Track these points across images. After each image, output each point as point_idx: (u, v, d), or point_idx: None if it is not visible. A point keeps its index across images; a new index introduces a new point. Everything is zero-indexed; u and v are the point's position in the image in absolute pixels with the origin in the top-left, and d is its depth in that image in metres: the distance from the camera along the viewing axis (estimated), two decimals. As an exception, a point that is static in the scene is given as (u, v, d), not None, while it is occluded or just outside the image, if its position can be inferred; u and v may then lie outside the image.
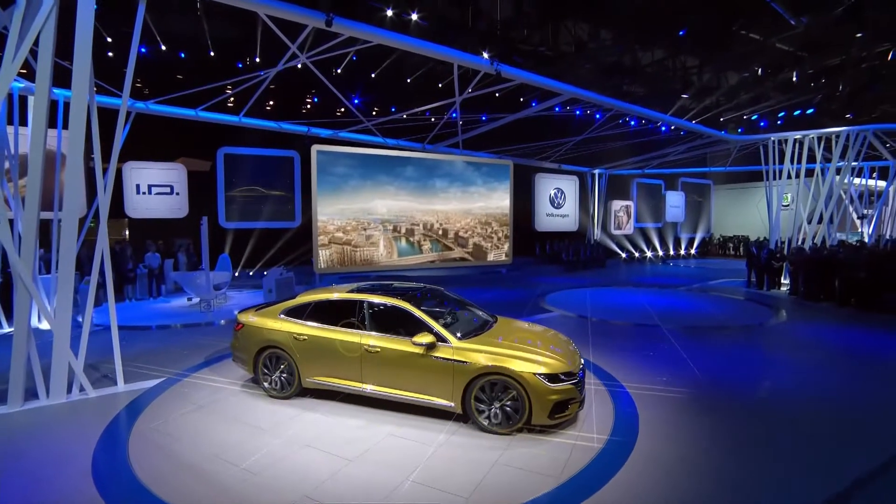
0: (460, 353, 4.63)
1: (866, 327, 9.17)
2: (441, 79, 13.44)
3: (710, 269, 20.25)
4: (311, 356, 5.14)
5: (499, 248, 19.26)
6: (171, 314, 10.42)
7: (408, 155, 15.94)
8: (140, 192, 14.17)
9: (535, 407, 4.37)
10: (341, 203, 14.86)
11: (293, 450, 4.24)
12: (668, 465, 4.00)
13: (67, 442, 4.43)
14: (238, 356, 5.65)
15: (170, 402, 5.35)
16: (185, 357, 6.98)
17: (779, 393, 5.78)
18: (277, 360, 5.32)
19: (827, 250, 12.60)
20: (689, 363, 6.76)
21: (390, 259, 16.45)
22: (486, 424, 4.53)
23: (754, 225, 28.02)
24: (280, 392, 5.34)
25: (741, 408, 5.28)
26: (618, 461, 4.03)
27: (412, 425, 4.72)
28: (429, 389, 4.75)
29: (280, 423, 4.77)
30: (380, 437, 4.48)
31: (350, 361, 5.00)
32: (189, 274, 11.12)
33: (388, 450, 4.24)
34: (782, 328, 9.20)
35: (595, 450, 4.21)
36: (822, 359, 7.23)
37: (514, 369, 4.42)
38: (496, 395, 4.51)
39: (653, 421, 4.85)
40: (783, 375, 6.47)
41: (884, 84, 18.44)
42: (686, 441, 4.48)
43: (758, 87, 18.61)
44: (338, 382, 5.12)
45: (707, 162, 23.60)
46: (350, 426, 4.72)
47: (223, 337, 8.13)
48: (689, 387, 5.85)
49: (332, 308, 5.39)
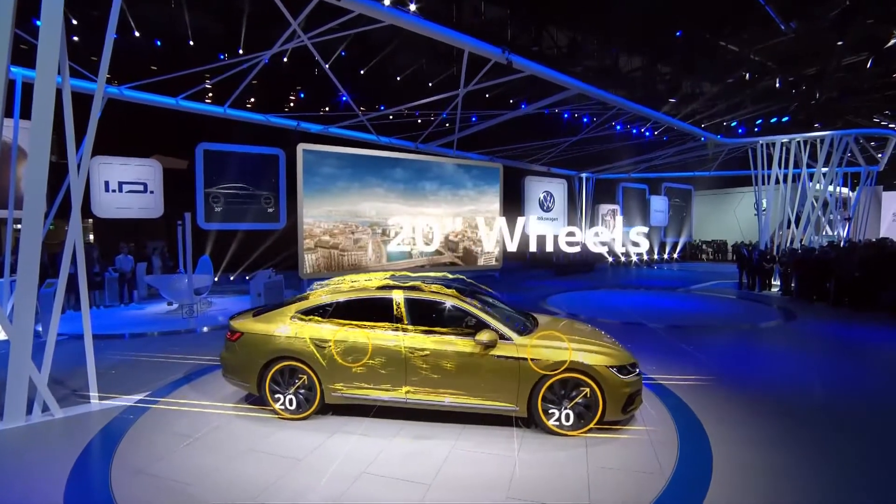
0: (525, 350, 4.19)
1: (870, 325, 9.20)
2: (438, 73, 13.04)
3: (697, 273, 20.48)
4: (338, 365, 4.35)
5: (489, 252, 18.96)
6: (147, 321, 9.50)
7: (397, 156, 15.42)
8: (109, 190, 13.06)
9: (610, 401, 4.13)
10: (328, 205, 14.17)
11: (350, 483, 3.44)
12: (752, 446, 4.13)
13: (23, 480, 3.48)
14: (233, 371, 4.66)
15: (155, 427, 4.44)
16: (165, 370, 6.18)
17: (804, 385, 5.70)
18: (292, 372, 4.45)
19: (819, 251, 12.74)
20: (720, 358, 6.94)
21: (379, 264, 15.84)
22: (555, 426, 4.17)
23: (732, 230, 28.73)
24: (295, 412, 4.47)
25: (791, 399, 5.30)
26: (704, 448, 4.05)
27: (470, 437, 4.20)
28: (489, 393, 4.22)
29: (314, 451, 3.94)
30: (442, 453, 3.90)
31: (391, 368, 4.30)
32: (166, 277, 10.24)
33: (464, 468, 3.70)
34: (793, 327, 9.17)
35: (674, 441, 4.16)
36: (846, 354, 7.39)
37: (587, 363, 4.15)
38: (567, 393, 4.17)
39: (704, 409, 4.91)
40: (804, 369, 6.59)
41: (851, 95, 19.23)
42: (752, 424, 4.59)
43: (737, 95, 19.07)
44: (374, 394, 4.36)
45: (689, 167, 23.98)
46: (400, 445, 4.06)
47: (206, 346, 7.39)
48: (731, 381, 5.84)
49: (361, 307, 4.58)
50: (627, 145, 19.28)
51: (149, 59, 11.88)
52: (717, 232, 29.24)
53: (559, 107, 13.28)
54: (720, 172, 23.10)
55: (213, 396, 5.15)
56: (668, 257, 27.24)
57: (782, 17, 12.64)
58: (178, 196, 13.82)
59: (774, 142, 15.22)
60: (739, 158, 20.65)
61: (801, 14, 13.03)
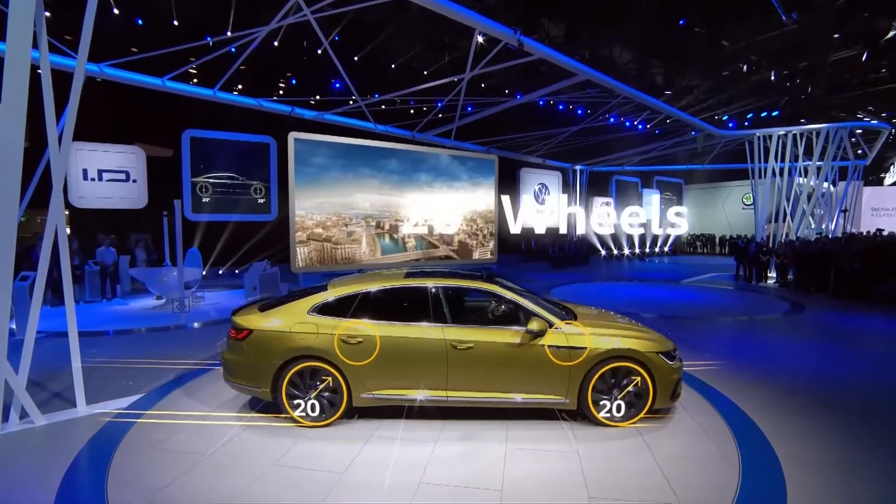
0: (575, 338, 3.98)
1: (878, 315, 9.24)
2: (437, 59, 12.59)
3: (691, 266, 20.57)
4: (370, 363, 3.91)
5: (484, 245, 18.70)
6: (132, 317, 8.93)
7: (391, 146, 14.95)
8: (88, 178, 12.28)
9: (660, 389, 4.02)
10: (321, 196, 13.65)
11: (411, 496, 3.05)
12: (795, 425, 4.23)
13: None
14: (240, 375, 4.07)
15: (152, 439, 3.86)
16: (155, 371, 5.68)
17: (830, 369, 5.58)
18: (314, 374, 3.96)
19: (817, 244, 12.79)
20: (742, 346, 7.00)
21: (373, 257, 15.39)
22: (605, 418, 4.02)
23: (720, 224, 29.05)
24: (318, 418, 3.98)
25: (828, 388, 5.27)
26: (756, 433, 4.06)
27: (519, 434, 3.94)
28: (538, 386, 3.98)
29: (353, 462, 3.48)
30: (497, 453, 3.62)
31: (431, 363, 3.92)
32: (152, 270, 9.66)
33: (528, 468, 3.42)
34: (807, 318, 9.17)
35: (723, 426, 4.17)
36: (868, 343, 7.47)
37: (639, 349, 4.00)
38: (617, 382, 4.01)
39: (741, 395, 4.92)
40: (834, 357, 6.60)
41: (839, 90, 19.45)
42: (789, 406, 4.66)
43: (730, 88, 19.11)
44: (412, 393, 3.97)
45: (682, 160, 24.04)
46: (448, 448, 3.71)
47: (198, 344, 6.93)
48: (758, 368, 5.83)
49: (391, 298, 4.16)
50: (624, 138, 19.18)
51: (131, 37, 11.10)
52: (706, 226, 29.53)
53: (562, 94, 12.98)
54: (711, 166, 23.24)
55: (212, 403, 4.61)
56: (660, 250, 27.38)
57: (784, 6, 12.55)
58: (162, 186, 13.09)
59: (771, 134, 15.22)
60: (729, 152, 20.77)
61: (803, 5, 12.97)
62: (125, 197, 12.77)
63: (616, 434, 3.97)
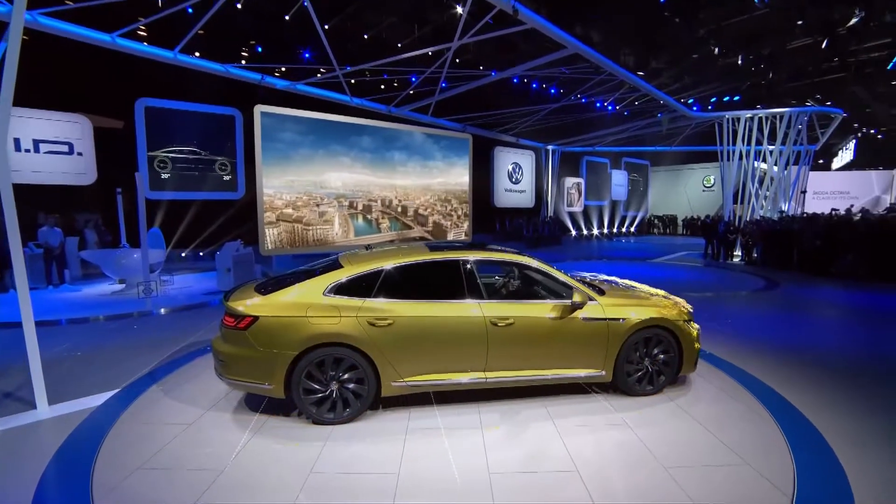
0: (612, 310, 3.94)
1: (847, 288, 9.80)
2: (423, 24, 11.93)
3: (658, 245, 21.30)
4: (403, 347, 3.51)
5: (458, 226, 18.52)
6: (88, 304, 8.07)
7: (364, 122, 14.26)
8: (22, 150, 10.85)
9: (686, 356, 4.10)
10: (290, 174, 12.86)
11: (491, 489, 2.78)
12: (809, 381, 4.63)
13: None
14: (243, 371, 3.45)
15: (137, 446, 3.25)
16: (123, 364, 5.04)
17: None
18: (337, 363, 3.48)
19: (781, 222, 13.42)
20: (733, 320, 7.16)
21: (346, 239, 14.82)
22: (638, 388, 4.05)
23: (682, 205, 30.22)
24: (341, 414, 3.50)
25: (826, 353, 5.46)
26: (770, 390, 4.36)
27: (560, 410, 3.84)
28: (576, 360, 3.89)
29: (405, 461, 3.05)
30: (549, 432, 3.48)
31: (470, 343, 3.61)
32: (108, 252, 8.74)
33: (589, 443, 3.34)
34: (784, 292, 9.57)
35: (741, 388, 4.38)
36: (850, 315, 7.85)
37: (668, 317, 4.05)
38: (648, 352, 4.04)
39: (747, 363, 5.12)
40: (821, 328, 6.87)
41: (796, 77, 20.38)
42: (786, 370, 4.96)
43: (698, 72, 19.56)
44: (449, 377, 3.64)
45: (651, 142, 24.57)
46: (497, 432, 3.49)
47: (168, 331, 6.34)
48: (754, 340, 5.98)
49: (419, 274, 3.77)
50: (599, 118, 19.28)
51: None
52: (668, 207, 30.63)
53: (545, 70, 12.72)
54: (678, 148, 23.90)
55: (201, 402, 3.99)
56: (626, 231, 28.21)
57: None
58: (113, 160, 11.82)
59: (739, 117, 15.69)
60: (693, 135, 21.40)
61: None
62: (68, 172, 11.42)
63: (649, 402, 4.03)
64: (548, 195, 23.76)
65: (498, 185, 21.36)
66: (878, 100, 24.35)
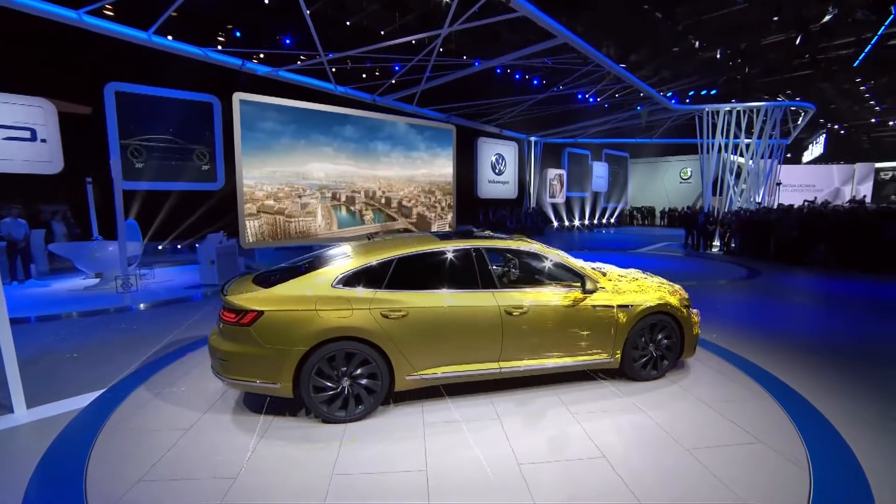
0: (620, 297, 4.00)
1: (821, 276, 10.18)
2: (408, 12, 11.65)
3: (639, 236, 21.74)
4: (417, 339, 3.39)
5: (442, 218, 18.41)
6: (60, 300, 7.62)
7: (347, 112, 13.92)
8: (-22, 137, 10.11)
9: (687, 340, 4.22)
10: (271, 165, 12.45)
11: (525, 482, 2.71)
12: (801, 364, 4.83)
13: None
14: (247, 370, 3.22)
15: (132, 456, 2.95)
16: (104, 364, 4.76)
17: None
18: (349, 358, 3.31)
19: (757, 213, 13.83)
20: (721, 307, 7.36)
21: (329, 231, 14.51)
22: (643, 373, 4.12)
23: (659, 197, 30.90)
24: (353, 412, 3.34)
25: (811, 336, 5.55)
26: (765, 372, 4.56)
27: (571, 398, 3.84)
28: (587, 348, 3.90)
29: (430, 456, 2.93)
30: (566, 420, 3.48)
31: (485, 333, 3.54)
32: (80, 245, 8.25)
33: (608, 430, 3.34)
34: (767, 280, 9.87)
35: (737, 371, 4.54)
36: (833, 301, 8.05)
37: (672, 302, 4.14)
38: (653, 338, 4.12)
39: (739, 346, 5.34)
40: (808, 314, 7.07)
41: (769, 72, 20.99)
42: (783, 351, 5.19)
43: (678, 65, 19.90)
44: (465, 369, 3.55)
45: (631, 134, 24.91)
46: (515, 423, 3.41)
47: (150, 328, 6.05)
48: (739, 325, 6.07)
49: (431, 264, 3.64)
50: (582, 110, 19.40)
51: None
52: (647, 198, 31.27)
53: (536, 59, 12.66)
54: (658, 140, 24.34)
55: (195, 404, 3.73)
56: (607, 222, 28.66)
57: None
58: (82, 148, 11.14)
59: (718, 110, 16.03)
60: (672, 128, 21.82)
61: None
62: (32, 160, 10.70)
63: (654, 386, 4.12)
64: (530, 186, 23.87)
65: (481, 176, 21.32)
66: (843, 96, 25.37)
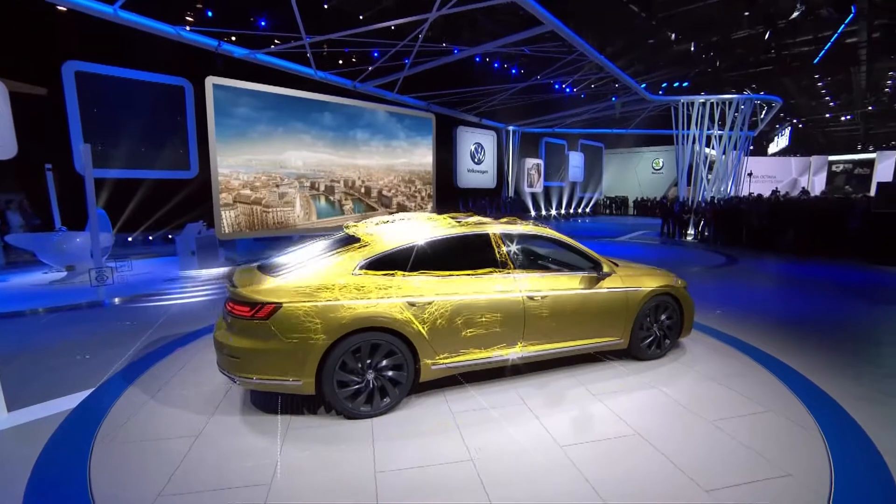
0: (629, 280, 4.14)
1: (801, 262, 10.64)
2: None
3: (615, 224, 22.24)
4: (443, 327, 3.27)
5: (423, 207, 18.29)
6: (24, 296, 7.06)
7: (325, 98, 13.49)
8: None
9: (686, 320, 4.42)
10: (247, 153, 11.95)
11: (575, 466, 2.71)
12: (785, 339, 5.14)
13: None
14: (263, 368, 2.99)
15: (151, 471, 2.63)
16: (86, 363, 4.44)
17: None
18: (374, 350, 3.15)
19: (730, 202, 14.39)
20: (705, 292, 7.44)
21: (308, 221, 14.15)
22: (648, 352, 4.28)
23: (632, 187, 31.71)
24: (377, 405, 3.19)
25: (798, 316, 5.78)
26: (754, 348, 4.86)
27: (586, 379, 3.92)
28: (601, 330, 4.01)
29: (471, 448, 2.83)
30: (590, 400, 3.56)
31: (508, 319, 3.52)
32: (45, 236, 7.67)
33: (632, 408, 3.43)
34: (746, 266, 10.25)
35: (731, 349, 4.76)
36: (812, 286, 8.25)
37: (673, 285, 4.34)
38: (656, 318, 4.29)
39: (724, 326, 5.60)
40: (791, 297, 7.24)
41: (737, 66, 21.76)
42: (768, 329, 5.54)
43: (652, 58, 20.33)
44: (487, 355, 3.51)
45: (608, 124, 25.32)
46: (539, 408, 3.41)
47: (132, 322, 5.70)
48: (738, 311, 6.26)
49: (449, 249, 3.54)
50: (559, 99, 19.53)
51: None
52: (620, 189, 32.02)
53: (511, 48, 12.60)
54: (633, 130, 24.85)
55: (198, 406, 3.42)
56: (582, 211, 29.19)
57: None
58: (39, 132, 10.30)
59: (693, 101, 16.47)
60: (645, 119, 22.34)
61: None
62: (-20, 145, 9.83)
63: (658, 364, 4.29)
64: (509, 175, 23.98)
65: (461, 165, 21.24)
66: (802, 92, 26.61)
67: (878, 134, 33.22)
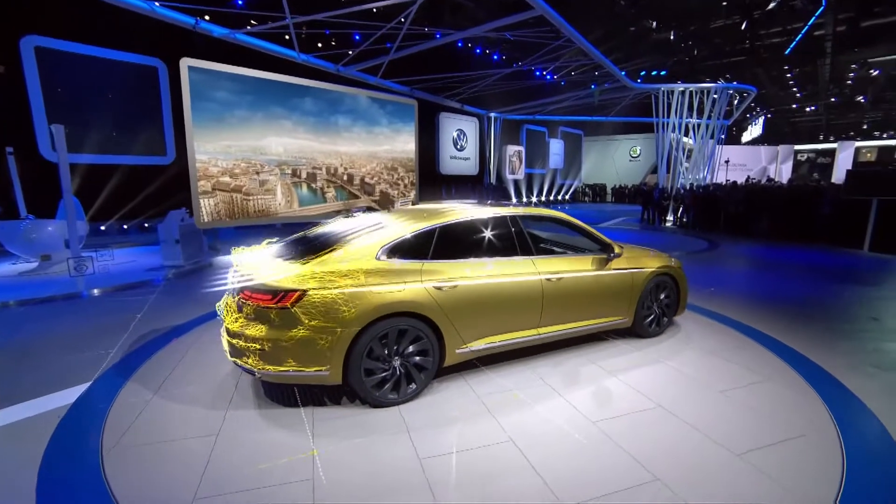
0: (634, 260, 4.28)
1: (779, 246, 11.00)
2: None
3: (596, 211, 22.60)
4: (468, 310, 3.27)
5: (406, 195, 18.11)
6: None
7: (306, 83, 13.05)
8: None
9: (682, 298, 4.65)
10: (226, 139, 11.47)
11: (612, 437, 2.80)
12: (772, 316, 5.40)
13: None
14: (288, 359, 2.86)
15: (179, 480, 2.39)
16: (73, 359, 4.20)
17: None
18: (401, 335, 3.10)
19: (707, 189, 14.80)
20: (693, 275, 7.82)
21: (290, 209, 13.80)
22: (650, 330, 4.45)
23: (610, 174, 32.24)
24: (404, 392, 3.15)
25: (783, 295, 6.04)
26: (742, 324, 5.17)
27: (597, 356, 4.08)
28: (609, 309, 4.16)
29: (508, 430, 2.83)
30: (607, 377, 3.68)
31: (528, 301, 3.58)
32: (10, 225, 7.20)
33: (647, 381, 3.58)
34: (728, 250, 10.56)
35: (724, 327, 4.98)
36: (797, 270, 8.47)
37: (671, 265, 4.53)
38: (655, 297, 4.46)
39: (712, 306, 5.82)
40: (776, 279, 7.47)
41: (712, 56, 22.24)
42: (753, 308, 5.76)
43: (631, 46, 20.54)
44: (509, 338, 3.57)
45: (588, 112, 25.50)
46: (562, 385, 3.49)
47: (120, 313, 5.43)
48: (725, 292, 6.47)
49: (469, 233, 3.55)
50: (541, 86, 19.53)
51: None
52: (599, 176, 32.50)
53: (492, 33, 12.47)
54: (613, 118, 25.15)
55: (204, 401, 3.24)
56: (562, 199, 29.52)
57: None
58: (-2, 114, 9.60)
59: (673, 90, 16.76)
60: (624, 107, 22.65)
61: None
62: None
63: (658, 340, 4.50)
64: (490, 162, 23.96)
65: (443, 152, 21.08)
66: (772, 82, 27.48)
67: (839, 124, 34.76)
